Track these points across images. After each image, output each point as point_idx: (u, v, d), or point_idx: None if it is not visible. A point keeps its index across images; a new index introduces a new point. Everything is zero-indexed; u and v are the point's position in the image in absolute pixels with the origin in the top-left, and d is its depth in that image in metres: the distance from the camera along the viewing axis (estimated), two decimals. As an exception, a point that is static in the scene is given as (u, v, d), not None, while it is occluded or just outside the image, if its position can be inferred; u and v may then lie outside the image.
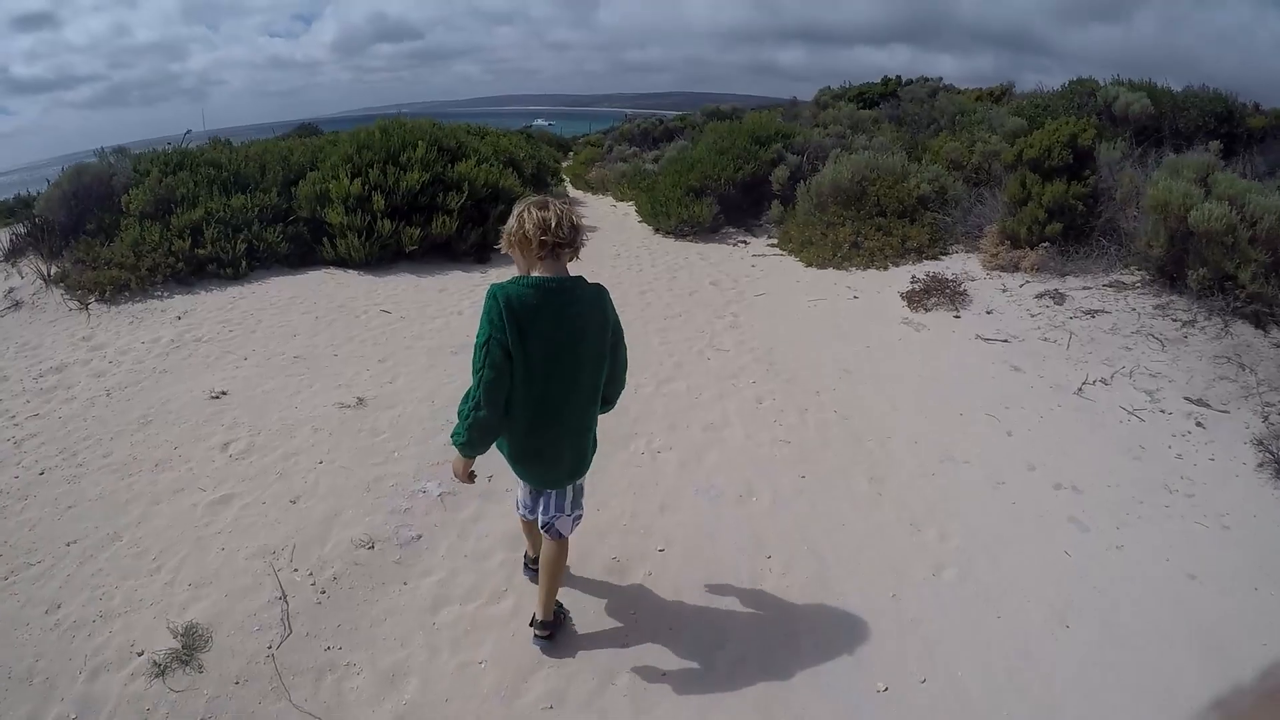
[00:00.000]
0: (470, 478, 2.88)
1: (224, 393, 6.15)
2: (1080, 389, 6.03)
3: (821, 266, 10.18)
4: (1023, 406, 5.79)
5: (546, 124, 56.24)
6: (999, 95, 20.60)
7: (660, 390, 6.34)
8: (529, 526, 3.43)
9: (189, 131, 11.99)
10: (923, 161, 11.70)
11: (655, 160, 19.21)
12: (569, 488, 3.02)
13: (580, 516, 3.13)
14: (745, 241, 12.04)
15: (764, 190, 12.83)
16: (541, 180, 14.11)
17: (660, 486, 4.86)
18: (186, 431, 5.49)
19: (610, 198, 17.51)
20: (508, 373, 2.63)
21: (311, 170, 10.93)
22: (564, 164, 25.20)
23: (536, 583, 3.39)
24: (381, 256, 10.13)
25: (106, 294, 8.50)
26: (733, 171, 12.38)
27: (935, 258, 9.96)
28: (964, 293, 8.43)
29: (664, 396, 6.22)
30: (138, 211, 9.86)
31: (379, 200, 10.11)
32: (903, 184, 10.82)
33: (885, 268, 9.83)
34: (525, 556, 3.82)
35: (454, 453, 2.80)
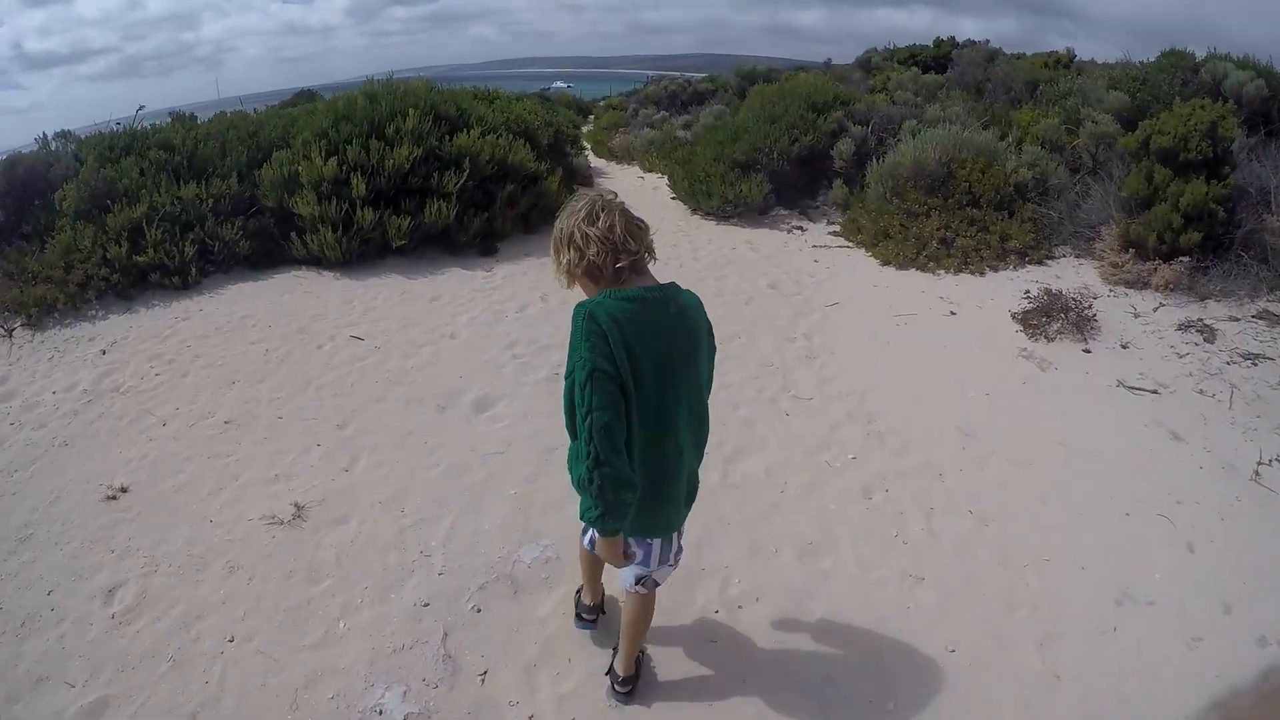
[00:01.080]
0: (628, 556, 2.36)
1: (124, 489, 4.47)
2: (1257, 472, 4.58)
3: (901, 266, 8.31)
4: (1197, 501, 4.31)
5: (566, 86, 54.07)
6: (1064, 62, 18.48)
7: (729, 476, 4.50)
8: (591, 563, 3.00)
9: (141, 108, 10.10)
10: (1008, 139, 9.65)
11: (686, 127, 17.22)
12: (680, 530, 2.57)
13: (681, 551, 2.65)
14: (801, 228, 10.08)
15: (822, 167, 10.82)
16: (559, 150, 12.13)
17: (749, 684, 3.07)
18: (68, 560, 3.93)
19: (637, 168, 15.54)
20: (623, 411, 2.09)
21: (281, 149, 9.01)
22: (584, 129, 23.26)
23: (584, 629, 3.16)
24: (363, 253, 8.29)
25: (32, 316, 6.90)
26: (787, 143, 10.37)
27: (1040, 262, 8.15)
28: (1092, 316, 6.62)
29: (735, 489, 4.39)
30: (71, 210, 8.07)
31: (359, 184, 8.22)
32: (997, 168, 8.81)
33: (982, 272, 7.99)
34: (577, 600, 3.24)
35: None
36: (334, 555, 3.84)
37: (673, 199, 11.52)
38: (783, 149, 10.27)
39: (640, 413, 2.17)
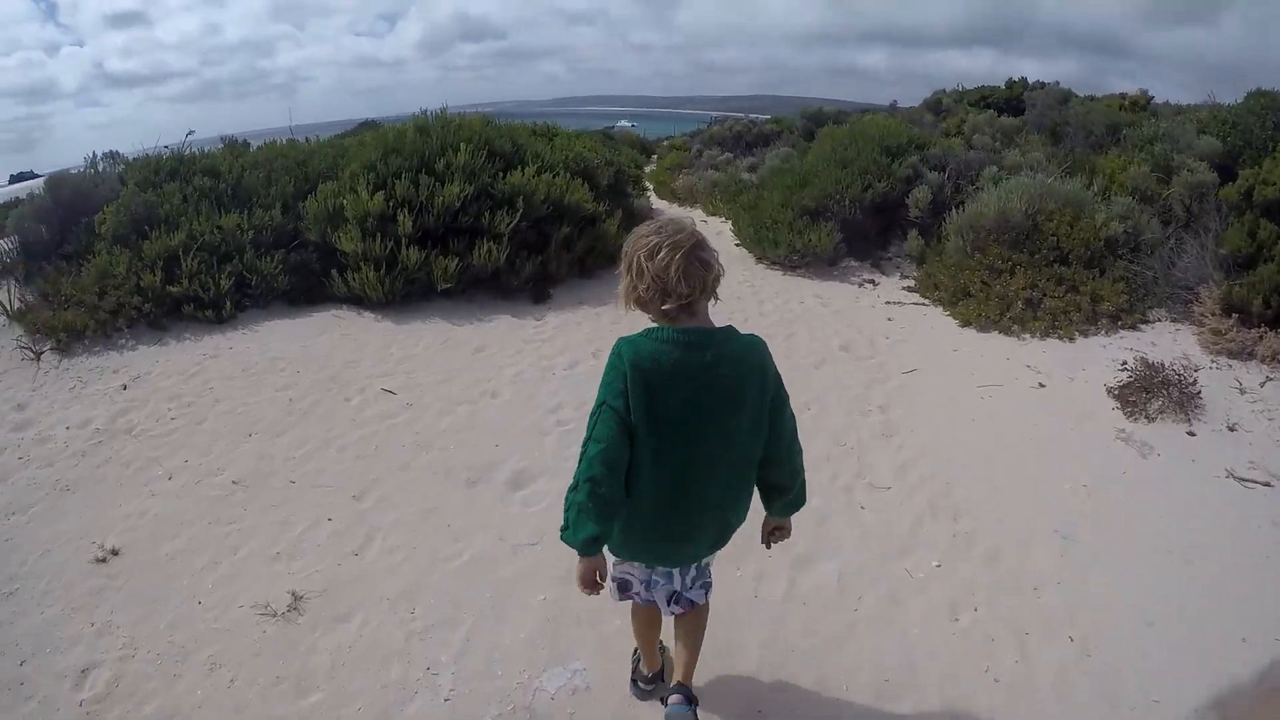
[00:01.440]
0: (595, 584, 2.24)
1: (115, 551, 4.04)
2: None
3: (983, 328, 7.57)
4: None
5: (630, 125, 54.19)
6: (1141, 105, 17.64)
7: (797, 585, 3.81)
8: (646, 620, 2.78)
9: (191, 133, 9.84)
10: (1093, 188, 8.89)
11: (752, 169, 16.66)
12: (692, 568, 2.52)
13: (710, 583, 2.62)
14: (873, 281, 9.39)
15: (895, 216, 10.14)
16: (620, 190, 11.64)
17: None
18: (48, 626, 3.55)
19: (700, 210, 14.97)
20: (623, 446, 2.11)
21: (328, 180, 8.62)
22: (647, 168, 22.88)
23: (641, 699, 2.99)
24: (408, 294, 7.82)
25: (61, 341, 6.61)
26: (859, 190, 9.70)
27: (1134, 326, 7.33)
28: (1196, 394, 5.83)
29: (804, 605, 3.69)
30: (109, 234, 7.78)
31: (405, 221, 7.78)
32: (1086, 220, 8.08)
33: (1071, 337, 7.22)
34: (634, 667, 3.06)
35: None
36: (329, 661, 3.26)
37: (737, 246, 10.91)
38: (855, 196, 9.61)
39: (655, 455, 2.17)
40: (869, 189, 9.73)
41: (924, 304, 8.45)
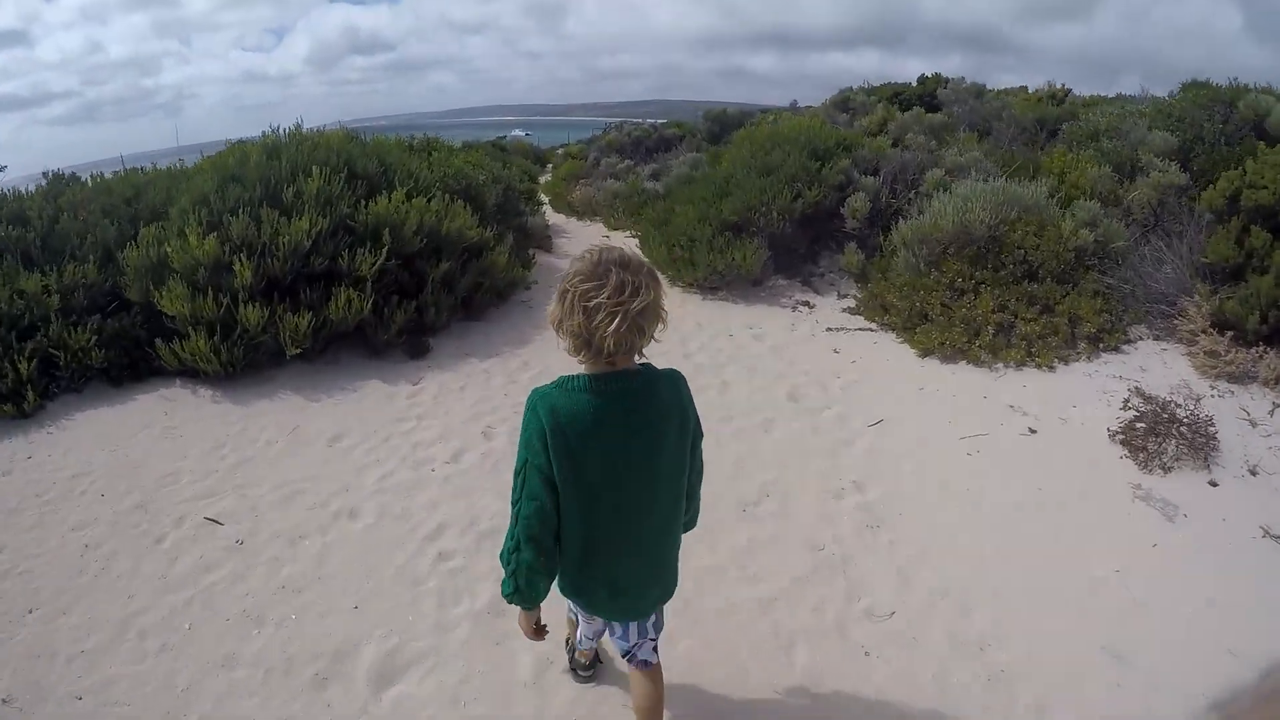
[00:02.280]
0: (539, 633, 2.31)
1: None
2: None
3: (948, 358, 6.58)
4: None
5: (524, 134, 52.75)
6: (1060, 98, 17.05)
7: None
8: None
9: (2, 167, 8.05)
10: (1048, 192, 7.90)
11: (655, 177, 15.45)
12: (657, 612, 2.44)
13: (661, 627, 2.49)
14: (808, 303, 8.22)
15: (826, 227, 9.01)
16: (512, 209, 10.18)
17: None
18: None
19: (601, 225, 13.68)
20: (553, 505, 2.05)
21: (151, 222, 6.97)
22: (542, 179, 21.44)
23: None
24: (253, 361, 6.22)
25: None
26: (788, 200, 8.49)
27: (1116, 348, 6.44)
28: (1213, 434, 4.98)
29: None
30: None
31: (243, 270, 6.19)
32: (1052, 229, 7.10)
33: (1052, 365, 6.28)
34: (570, 656, 3.12)
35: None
36: None
37: (648, 267, 9.62)
38: (783, 207, 8.40)
39: (586, 511, 2.06)
40: (798, 198, 8.53)
41: (871, 329, 7.38)
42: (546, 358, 6.76)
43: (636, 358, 2.06)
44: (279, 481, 4.77)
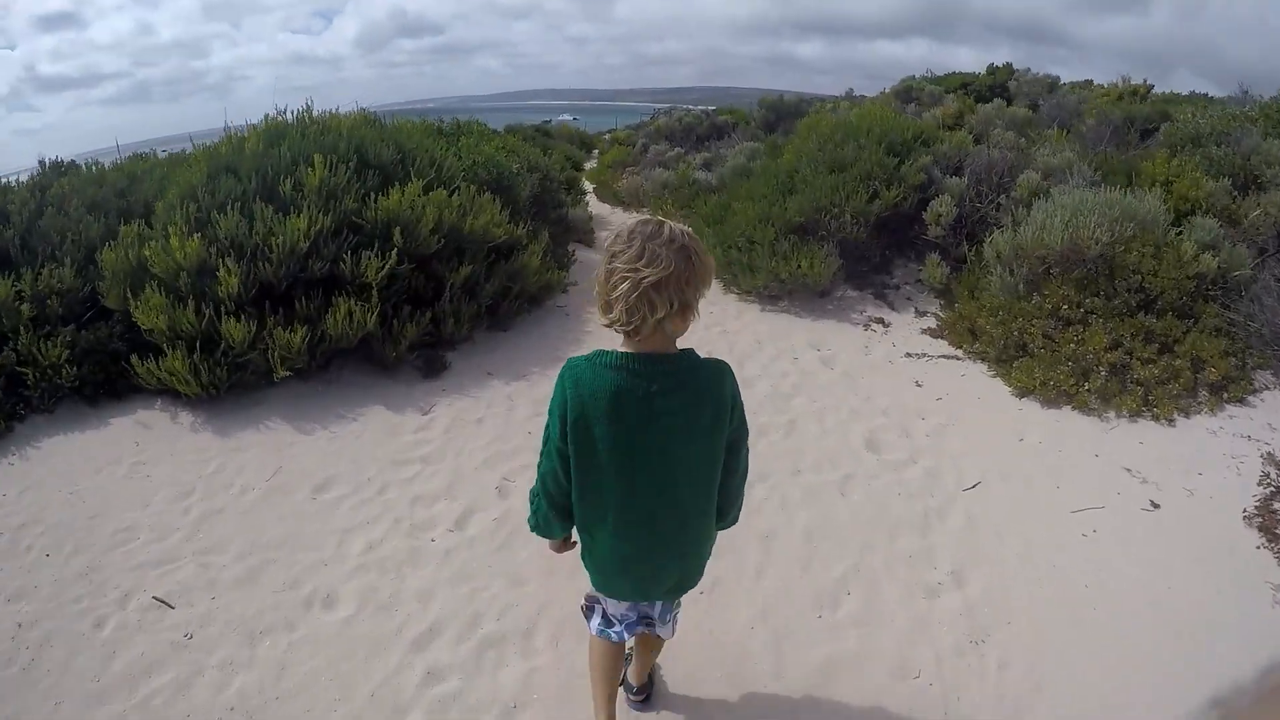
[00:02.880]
0: (565, 546, 2.33)
1: None
2: None
3: (1050, 401, 5.50)
4: None
5: (571, 119, 51.89)
6: (1141, 94, 15.72)
7: None
8: (606, 659, 2.56)
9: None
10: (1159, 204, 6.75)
11: (707, 166, 14.38)
12: (658, 604, 2.40)
13: (675, 621, 2.49)
14: (882, 321, 7.17)
15: (904, 233, 7.92)
16: (552, 201, 9.22)
17: None
18: None
19: (649, 217, 12.64)
20: (563, 474, 2.05)
21: (131, 220, 6.13)
22: (587, 165, 20.47)
23: None
24: (240, 382, 5.35)
25: None
26: (863, 201, 7.40)
27: (1241, 399, 5.32)
28: None
29: None
30: None
31: (229, 276, 5.31)
32: (1170, 251, 6.00)
33: (1171, 418, 5.18)
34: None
35: None
36: None
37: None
38: (857, 209, 7.32)
39: (593, 482, 2.02)
40: (874, 199, 7.44)
41: (957, 357, 6.34)
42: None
43: (678, 342, 1.97)
44: (247, 546, 3.87)
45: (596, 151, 23.58)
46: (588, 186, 16.11)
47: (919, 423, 5.25)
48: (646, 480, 2.01)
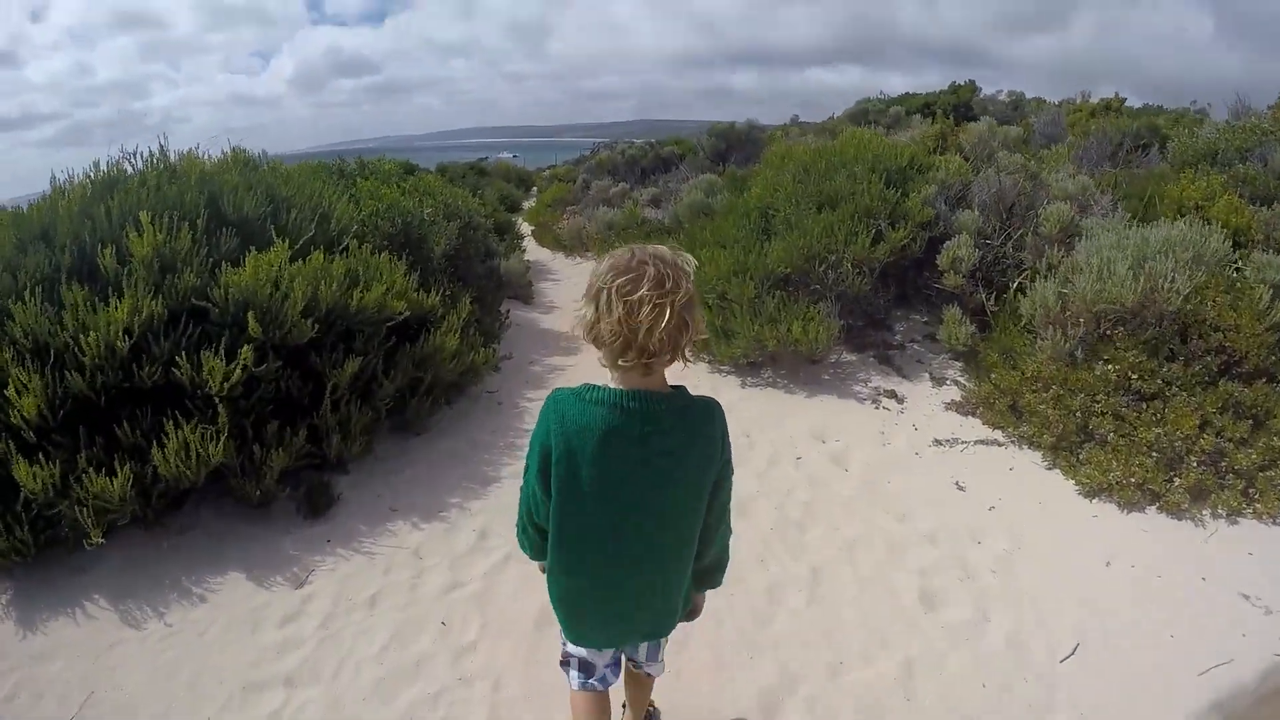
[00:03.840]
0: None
1: None
2: None
3: (1131, 502, 4.21)
4: None
5: (511, 156, 50.71)
6: (1115, 108, 14.91)
7: None
8: (593, 712, 2.26)
9: None
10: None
11: (656, 203, 13.04)
12: (643, 645, 2.25)
13: (658, 664, 2.34)
14: (894, 394, 5.80)
15: (909, 280, 6.58)
16: (474, 252, 7.67)
17: None
18: None
19: (594, 263, 11.16)
20: (540, 509, 1.96)
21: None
22: (525, 204, 19.04)
23: None
24: (54, 540, 3.74)
25: None
26: (865, 244, 5.97)
27: None
28: None
29: None
30: None
31: (24, 395, 3.69)
32: (1246, 300, 4.80)
33: (1275, 516, 4.01)
34: None
35: None
36: None
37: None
38: (859, 254, 5.90)
39: (580, 516, 1.90)
40: (878, 241, 6.04)
41: (997, 441, 5.01)
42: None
43: (667, 377, 1.87)
44: None
45: (535, 190, 22.11)
46: (526, 229, 14.63)
47: (977, 552, 3.88)
48: (634, 525, 1.90)
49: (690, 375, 6.24)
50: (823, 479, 4.64)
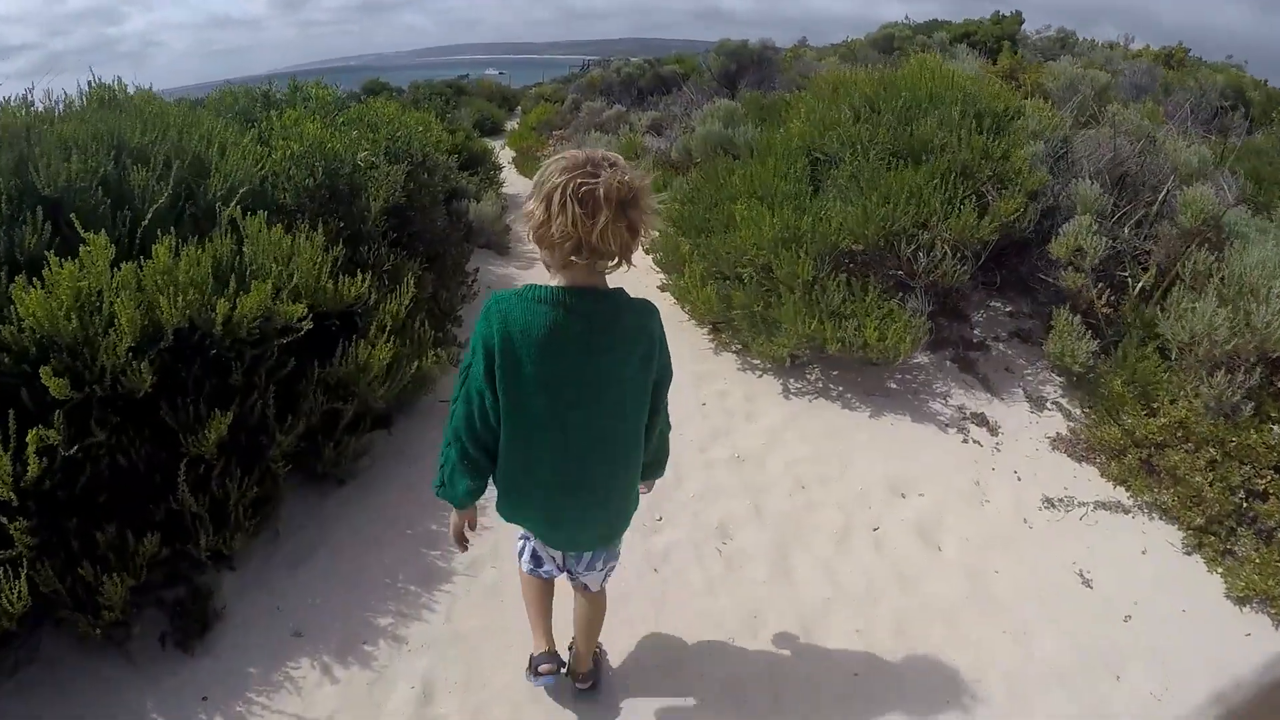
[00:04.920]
0: (461, 541, 2.16)
1: None
2: None
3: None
4: None
5: (498, 73, 48.30)
6: (1178, 59, 13.33)
7: None
8: (539, 594, 2.48)
9: None
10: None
11: (656, 128, 11.39)
12: (600, 551, 2.26)
13: (614, 566, 2.37)
14: (983, 420, 4.35)
15: (1008, 266, 5.04)
16: (435, 200, 5.97)
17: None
18: None
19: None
20: (488, 414, 1.91)
21: None
22: (508, 125, 17.26)
23: (544, 684, 2.61)
24: None
25: None
26: (969, 220, 4.35)
27: None
28: None
29: None
30: None
31: None
32: None
33: None
34: (531, 657, 2.56)
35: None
36: None
37: (675, 307, 5.61)
38: (960, 231, 4.31)
39: (522, 423, 1.91)
40: (984, 214, 4.43)
41: (1119, 503, 3.70)
42: (503, 632, 2.93)
43: (608, 280, 1.87)
44: None
45: (520, 110, 20.15)
46: (507, 157, 12.89)
47: (1119, 693, 2.72)
48: (579, 421, 1.91)
49: (714, 374, 4.78)
50: (913, 571, 3.25)
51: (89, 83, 4.35)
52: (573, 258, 1.71)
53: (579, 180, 1.63)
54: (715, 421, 4.31)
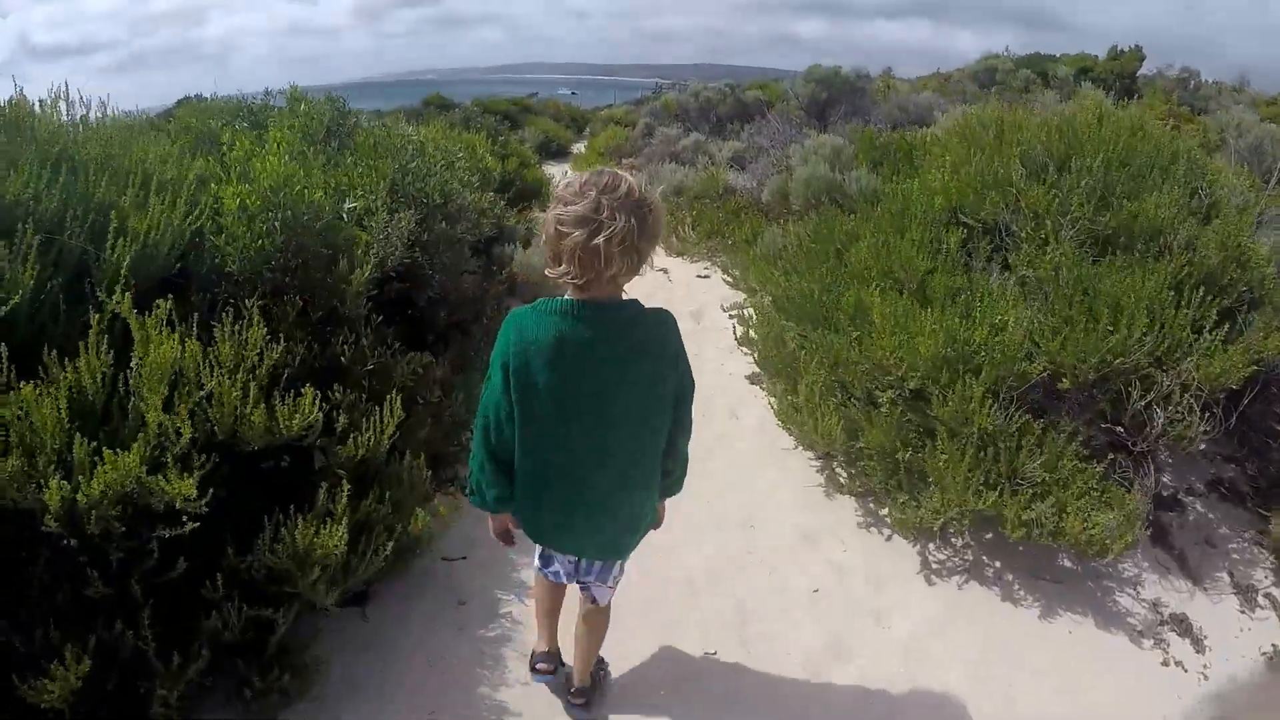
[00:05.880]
0: (505, 537, 2.15)
1: None
2: None
3: None
4: None
5: (570, 93, 48.44)
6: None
7: None
8: (548, 594, 2.45)
9: None
10: None
11: (739, 162, 10.18)
12: (610, 562, 2.19)
13: (619, 579, 2.26)
14: (1184, 626, 2.99)
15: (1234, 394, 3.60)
16: (459, 253, 4.67)
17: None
18: None
19: (663, 253, 7.84)
20: (504, 426, 1.92)
21: None
22: (575, 147, 16.24)
23: (542, 682, 2.59)
24: None
25: None
26: (1236, 360, 2.95)
27: None
28: None
29: None
30: None
31: None
32: None
33: None
34: (533, 653, 2.58)
35: None
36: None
37: (766, 410, 4.31)
38: (1221, 374, 2.92)
39: (534, 433, 1.90)
40: (1236, 346, 3.04)
41: None
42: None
43: (623, 294, 1.88)
44: None
45: (589, 132, 19.05)
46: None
47: None
48: (588, 430, 1.90)
49: (830, 528, 3.47)
50: None
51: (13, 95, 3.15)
52: (585, 271, 1.70)
53: (594, 195, 1.65)
54: (833, 622, 2.97)
